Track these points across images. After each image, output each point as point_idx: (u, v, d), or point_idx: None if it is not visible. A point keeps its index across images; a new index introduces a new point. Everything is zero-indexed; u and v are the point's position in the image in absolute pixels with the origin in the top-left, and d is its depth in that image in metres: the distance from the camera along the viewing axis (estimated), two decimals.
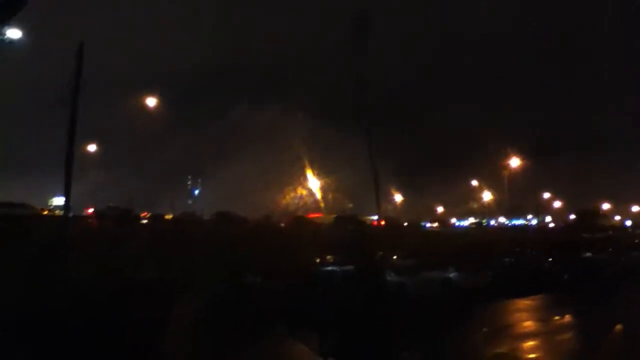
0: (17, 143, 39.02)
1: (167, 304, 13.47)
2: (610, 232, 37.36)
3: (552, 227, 49.95)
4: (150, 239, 25.59)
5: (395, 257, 26.71)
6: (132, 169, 41.12)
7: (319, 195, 44.14)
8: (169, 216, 33.50)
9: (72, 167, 32.92)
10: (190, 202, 41.21)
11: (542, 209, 54.37)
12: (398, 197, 50.77)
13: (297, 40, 46.62)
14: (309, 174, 43.43)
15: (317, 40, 45.47)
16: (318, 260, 26.20)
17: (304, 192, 44.42)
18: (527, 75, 51.87)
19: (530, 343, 16.32)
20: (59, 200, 35.66)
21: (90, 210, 32.80)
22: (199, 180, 43.77)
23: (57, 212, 32.90)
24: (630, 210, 53.82)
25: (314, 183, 43.99)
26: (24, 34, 24.77)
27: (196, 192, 44.16)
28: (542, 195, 53.34)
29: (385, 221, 39.99)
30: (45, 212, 32.54)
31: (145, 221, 31.48)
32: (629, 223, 51.48)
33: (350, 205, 42.57)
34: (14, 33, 23.65)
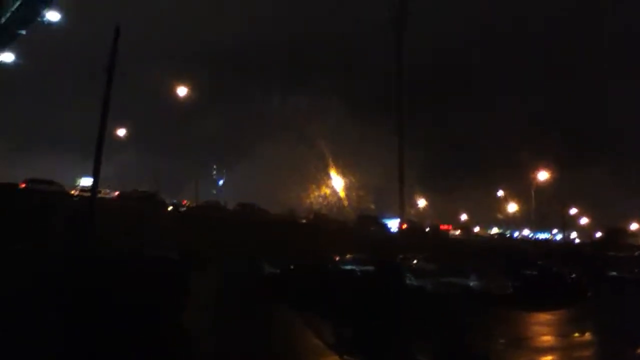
0: (49, 122, 39.69)
1: (183, 279, 13.65)
2: (637, 252, 36.49)
3: (578, 243, 49.07)
4: (175, 222, 25.97)
5: (415, 260, 26.50)
6: (161, 153, 41.55)
7: (342, 194, 44.12)
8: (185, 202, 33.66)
9: (102, 148, 33.61)
10: (214, 192, 41.41)
11: (568, 224, 53.48)
12: (422, 202, 50.43)
13: (332, 30, 45.96)
14: (334, 172, 43.43)
15: (352, 31, 45.07)
16: (338, 258, 26.14)
17: (328, 192, 44.46)
18: (566, 83, 50.65)
19: (548, 358, 16.06)
20: (85, 181, 36.24)
21: (116, 193, 33.20)
22: (224, 171, 43.92)
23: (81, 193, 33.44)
24: None
25: (338, 182, 43.98)
26: (63, 16, 25.25)
27: (220, 182, 44.36)
28: (569, 209, 52.46)
29: (408, 225, 39.84)
30: (73, 192, 33.05)
31: (184, 209, 31.88)
32: None
33: (373, 206, 42.37)
34: (53, 15, 24.08)
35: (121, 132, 39.87)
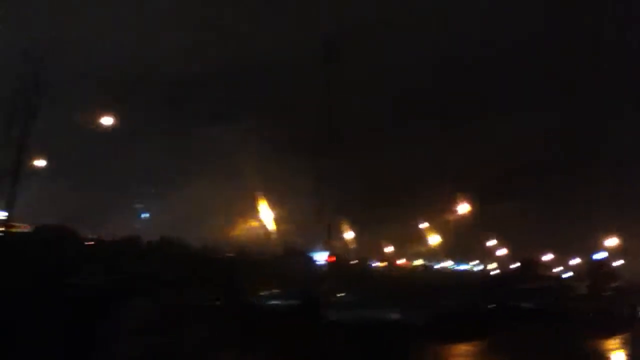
0: None
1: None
2: (550, 282, 38.41)
3: (494, 274, 51.07)
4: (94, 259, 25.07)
5: (338, 294, 26.78)
6: (80, 184, 40.03)
7: (270, 226, 44.06)
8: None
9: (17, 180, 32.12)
10: (136, 225, 40.21)
11: (487, 255, 55.65)
12: (349, 234, 51.01)
13: (268, 56, 45.92)
14: (262, 204, 43.37)
15: (288, 59, 45.19)
16: (262, 293, 26.05)
17: (255, 224, 44.27)
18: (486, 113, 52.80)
19: None
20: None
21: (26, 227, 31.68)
22: (142, 204, 42.77)
23: None
24: (570, 263, 55.59)
25: (265, 215, 43.89)
26: None
27: (142, 215, 43.19)
28: (487, 241, 54.63)
29: (334, 257, 40.19)
30: None
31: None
32: (568, 274, 53.06)
33: (300, 240, 42.47)
34: None
35: (40, 162, 38.20)
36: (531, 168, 50.75)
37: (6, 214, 35.02)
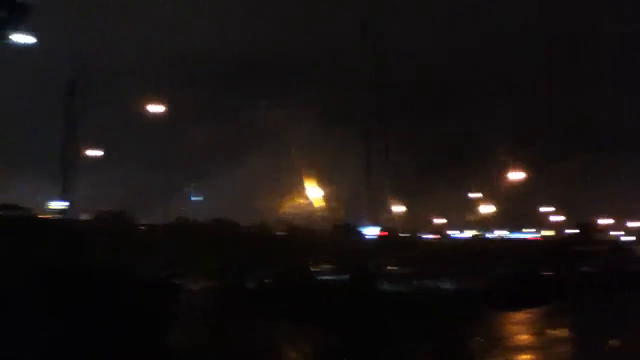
0: (16, 146, 39.02)
1: (172, 300, 13.61)
2: (608, 246, 37.22)
3: (550, 240, 49.69)
4: (146, 242, 25.80)
5: (390, 266, 26.74)
6: (132, 171, 41.14)
7: (317, 204, 44.26)
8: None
9: (70, 170, 33.19)
10: (183, 208, 40.92)
11: (542, 222, 54.22)
12: (398, 208, 50.65)
13: (310, 39, 46.04)
14: (311, 181, 43.55)
15: (331, 40, 45.12)
16: (314, 269, 26.29)
17: (303, 201, 44.51)
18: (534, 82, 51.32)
19: (525, 356, 16.26)
20: (56, 205, 35.81)
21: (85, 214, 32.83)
22: (192, 185, 43.52)
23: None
24: (628, 226, 53.53)
25: (313, 191, 44.07)
26: (32, 36, 25.07)
27: (193, 198, 44.00)
28: (542, 208, 53.22)
29: (383, 231, 40.05)
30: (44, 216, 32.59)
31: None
32: (627, 238, 51.21)
33: (348, 214, 42.52)
34: (24, 38, 23.93)
35: (95, 152, 39.50)
36: (586, 132, 49.36)
37: (67, 203, 36.50)
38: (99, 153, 39.78)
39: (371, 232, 40.90)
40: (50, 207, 35.73)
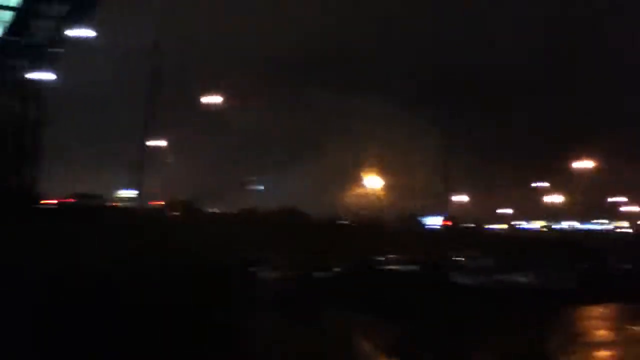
0: (87, 139, 40.71)
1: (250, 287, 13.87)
2: None
3: (633, 233, 47.54)
4: (216, 230, 26.31)
5: (463, 258, 26.17)
6: (204, 161, 42.18)
7: (383, 194, 43.98)
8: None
9: (143, 161, 34.29)
10: (251, 199, 41.57)
11: (617, 213, 52.00)
12: (465, 198, 49.79)
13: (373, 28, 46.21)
14: (375, 171, 43.34)
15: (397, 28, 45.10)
16: (381, 259, 26.10)
17: (369, 191, 44.33)
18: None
19: (605, 353, 15.67)
20: (126, 193, 37.15)
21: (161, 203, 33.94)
22: (254, 178, 44.05)
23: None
24: None
25: (379, 181, 43.81)
26: (100, 32, 25.93)
27: (260, 187, 44.56)
28: (617, 198, 51.06)
29: (452, 222, 39.40)
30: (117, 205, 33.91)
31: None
32: None
33: (415, 204, 42.04)
34: (88, 32, 24.65)
35: (163, 143, 40.66)
36: None
37: (137, 192, 37.81)
38: (170, 144, 40.97)
39: (437, 221, 40.40)
40: (122, 195, 37.06)
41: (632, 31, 45.64)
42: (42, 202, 25.97)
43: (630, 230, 49.77)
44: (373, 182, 43.43)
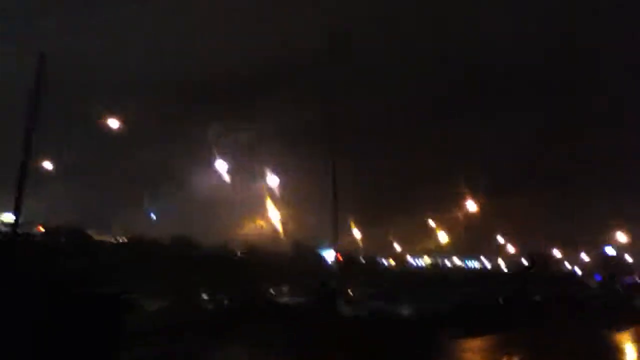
0: None
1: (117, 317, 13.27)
2: (560, 278, 38.42)
3: (505, 271, 50.94)
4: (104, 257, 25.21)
5: (350, 290, 26.86)
6: (90, 185, 40.15)
7: (278, 226, 44.11)
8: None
9: (24, 181, 32.09)
10: (146, 224, 40.20)
11: (496, 251, 55.44)
12: (358, 232, 51.00)
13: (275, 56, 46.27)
14: (272, 202, 43.42)
15: (295, 58, 45.35)
16: (274, 291, 26.20)
17: (263, 223, 44.29)
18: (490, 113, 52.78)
19: None
20: (8, 217, 34.60)
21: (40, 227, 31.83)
22: (150, 202, 42.75)
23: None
24: (581, 259, 55.34)
25: (276, 212, 43.90)
26: None
27: (152, 214, 43.22)
28: (496, 238, 54.49)
29: (343, 255, 40.19)
30: None
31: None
32: (579, 269, 52.94)
33: (310, 237, 42.49)
34: None
35: (51, 164, 38.41)
36: (538, 165, 50.93)
37: (13, 216, 35.20)
38: (51, 165, 38.85)
39: (331, 255, 41.01)
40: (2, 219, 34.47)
41: None
42: None
43: (506, 270, 53.32)
44: (270, 212, 43.51)
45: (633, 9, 40.07)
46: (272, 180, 43.05)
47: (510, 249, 56.75)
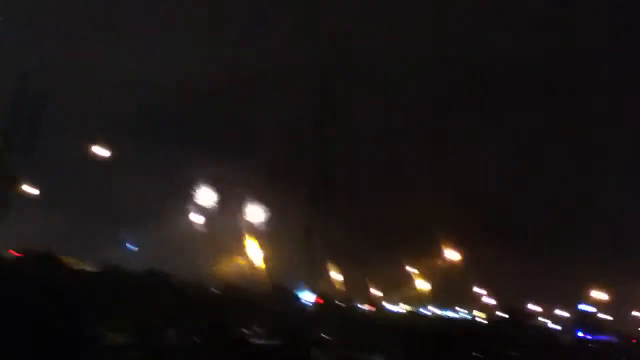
0: None
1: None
2: (537, 332, 38.15)
3: (482, 323, 50.50)
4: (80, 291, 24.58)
5: (323, 335, 26.40)
6: (69, 213, 39.78)
7: (258, 264, 43.84)
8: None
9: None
10: (121, 255, 39.70)
11: (473, 302, 55.18)
12: (337, 276, 50.68)
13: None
14: (249, 240, 43.24)
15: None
16: (248, 331, 25.68)
17: (243, 262, 43.97)
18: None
19: None
20: None
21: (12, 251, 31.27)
22: (127, 234, 42.43)
23: None
24: (556, 314, 55.23)
25: (254, 251, 43.69)
26: None
27: (130, 246, 42.73)
28: (474, 289, 54.36)
29: (321, 298, 39.75)
30: None
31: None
32: (555, 326, 52.68)
33: (288, 278, 42.14)
34: None
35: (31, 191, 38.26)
36: (518, 217, 51.30)
37: None
38: (34, 192, 38.63)
39: (308, 297, 40.54)
40: None
41: None
42: None
43: (485, 321, 52.94)
44: (247, 250, 43.30)
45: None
46: (253, 217, 43.13)
47: (487, 300, 56.75)
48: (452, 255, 49.52)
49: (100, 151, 38.25)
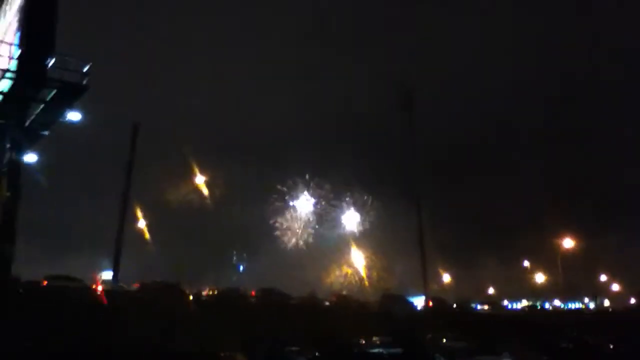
0: (70, 221, 40.59)
1: None
2: None
3: (613, 311, 47.21)
4: (195, 312, 25.66)
5: (444, 339, 25.65)
6: (182, 244, 41.91)
7: (363, 273, 43.75)
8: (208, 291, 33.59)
9: (121, 242, 33.74)
10: (234, 278, 41.24)
11: (599, 291, 51.93)
12: (446, 277, 49.55)
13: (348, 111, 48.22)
14: (355, 251, 43.35)
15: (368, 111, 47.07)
16: (364, 342, 25.45)
17: (349, 271, 44.02)
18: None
19: None
20: (106, 275, 36.36)
21: (136, 284, 33.17)
22: (244, 255, 44.03)
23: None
24: None
25: (359, 261, 43.71)
26: (84, 115, 26.26)
27: (241, 267, 44.27)
28: (599, 277, 51.19)
29: (434, 302, 38.84)
30: (95, 286, 33.06)
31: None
32: None
33: (395, 284, 41.73)
34: (74, 116, 24.89)
35: (142, 223, 40.59)
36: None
37: (112, 273, 37.03)
38: (144, 224, 40.97)
39: (421, 302, 39.83)
40: (102, 277, 36.24)
41: None
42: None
43: (610, 309, 49.61)
44: (354, 261, 43.42)
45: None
46: (356, 227, 43.37)
47: (614, 287, 53.19)
48: (570, 243, 47.18)
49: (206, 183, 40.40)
